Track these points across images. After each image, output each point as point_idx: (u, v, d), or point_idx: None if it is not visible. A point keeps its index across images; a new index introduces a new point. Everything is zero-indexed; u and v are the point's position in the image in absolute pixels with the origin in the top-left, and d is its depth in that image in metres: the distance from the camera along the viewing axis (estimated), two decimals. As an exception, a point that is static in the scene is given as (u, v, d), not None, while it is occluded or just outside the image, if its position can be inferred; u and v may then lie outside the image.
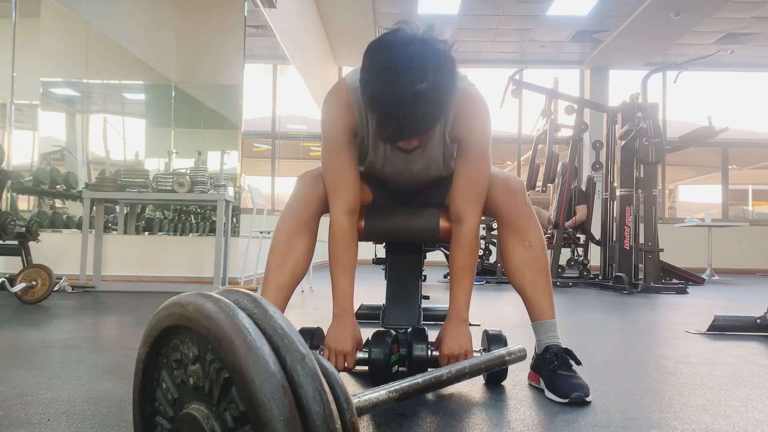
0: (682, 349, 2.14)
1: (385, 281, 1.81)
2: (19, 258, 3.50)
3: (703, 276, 6.55)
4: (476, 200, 1.44)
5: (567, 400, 1.34)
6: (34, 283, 3.21)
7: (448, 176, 1.50)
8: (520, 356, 0.79)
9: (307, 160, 11.04)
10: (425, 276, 1.95)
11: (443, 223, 1.57)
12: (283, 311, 1.54)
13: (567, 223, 5.77)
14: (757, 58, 9.48)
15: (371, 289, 4.68)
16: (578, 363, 1.44)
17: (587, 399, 1.35)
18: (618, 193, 5.43)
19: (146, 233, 5.31)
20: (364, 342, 1.48)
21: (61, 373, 1.57)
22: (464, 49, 9.38)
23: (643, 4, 7.38)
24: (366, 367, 1.44)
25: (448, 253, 5.77)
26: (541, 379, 1.46)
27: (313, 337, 1.54)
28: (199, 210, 5.69)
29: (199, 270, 4.55)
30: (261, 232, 4.44)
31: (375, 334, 1.47)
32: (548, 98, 6.02)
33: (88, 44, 5.64)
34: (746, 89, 10.66)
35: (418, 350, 1.47)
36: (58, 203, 5.36)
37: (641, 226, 5.08)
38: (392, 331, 1.52)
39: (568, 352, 1.45)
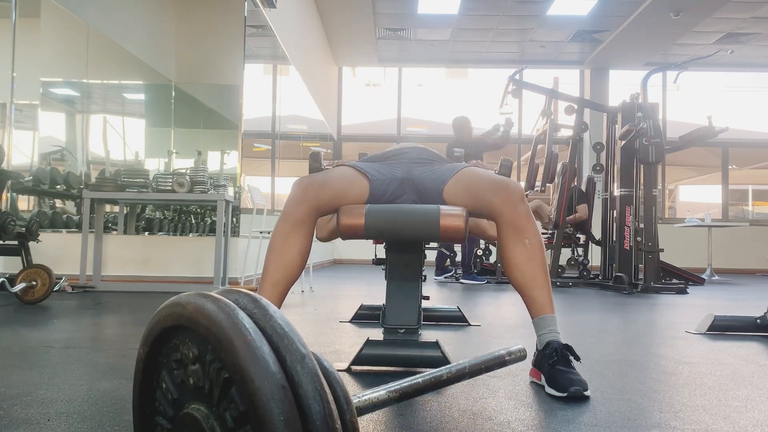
0: (682, 349, 2.14)
1: (385, 281, 1.82)
2: (19, 258, 3.50)
3: (703, 276, 6.55)
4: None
5: (566, 394, 1.37)
6: (34, 283, 3.20)
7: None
8: (520, 356, 0.79)
9: (307, 160, 11.02)
10: (425, 276, 1.95)
11: (444, 221, 1.57)
12: (278, 306, 1.56)
13: (568, 218, 5.76)
14: (757, 58, 9.48)
15: (371, 290, 4.68)
16: (577, 359, 1.47)
17: (585, 393, 1.39)
18: (618, 193, 5.42)
19: (146, 233, 5.31)
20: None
21: (61, 373, 1.57)
22: (464, 49, 9.38)
23: (643, 4, 7.38)
24: (365, 367, 1.44)
25: (447, 252, 5.68)
26: (542, 375, 1.48)
27: None
28: (199, 210, 5.68)
29: (199, 270, 4.55)
30: (261, 232, 4.44)
31: None
32: (548, 98, 6.02)
33: (88, 44, 5.64)
34: (746, 89, 10.66)
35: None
36: (58, 203, 5.36)
37: (641, 226, 5.08)
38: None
39: (568, 348, 1.48)
